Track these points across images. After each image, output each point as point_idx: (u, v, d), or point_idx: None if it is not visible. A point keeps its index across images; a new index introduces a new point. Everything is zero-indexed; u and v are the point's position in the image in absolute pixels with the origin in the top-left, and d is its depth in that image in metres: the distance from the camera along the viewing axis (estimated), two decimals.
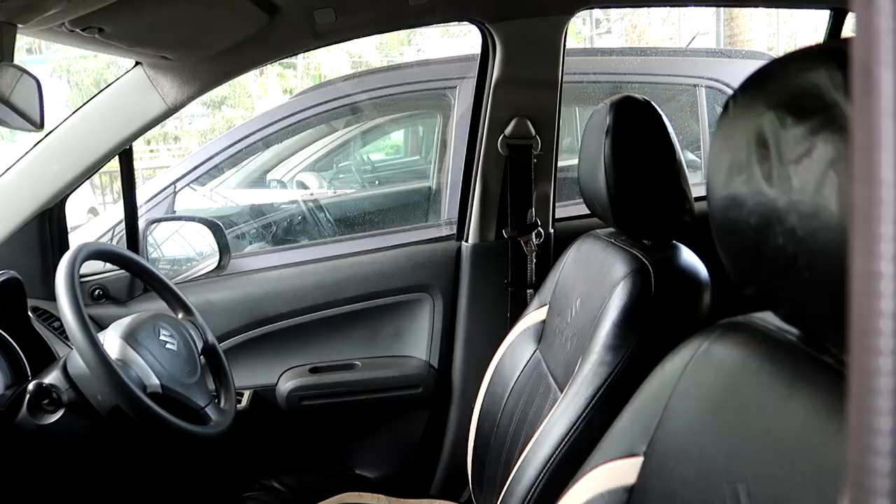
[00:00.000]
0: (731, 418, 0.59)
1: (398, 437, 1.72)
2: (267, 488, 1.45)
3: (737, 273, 0.59)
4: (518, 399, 1.32)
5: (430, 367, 1.71)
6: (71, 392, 1.10)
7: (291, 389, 1.65)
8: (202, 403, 1.20)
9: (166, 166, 2.81)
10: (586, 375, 1.02)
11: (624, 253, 1.09)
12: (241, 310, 1.67)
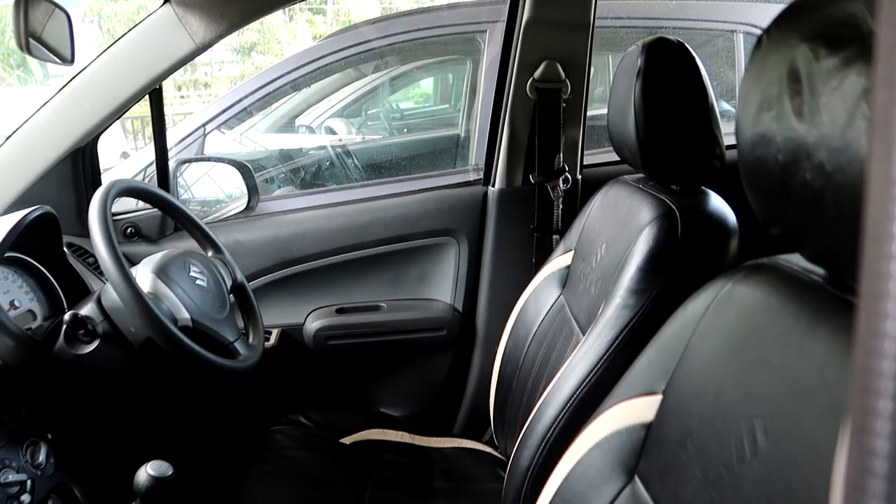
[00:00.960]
0: (751, 356, 0.59)
1: (422, 377, 1.75)
2: (294, 423, 1.50)
3: (763, 212, 0.58)
4: (541, 343, 1.33)
5: (455, 310, 1.72)
6: (105, 324, 1.13)
7: (318, 329, 1.69)
8: (231, 338, 1.23)
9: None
10: (609, 318, 1.02)
11: (651, 198, 1.08)
12: (269, 250, 1.69)
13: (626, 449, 0.73)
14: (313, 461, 1.37)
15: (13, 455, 0.98)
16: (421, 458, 1.48)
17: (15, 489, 0.95)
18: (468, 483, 1.42)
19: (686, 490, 0.61)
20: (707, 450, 0.60)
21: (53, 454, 1.05)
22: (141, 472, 0.93)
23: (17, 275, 1.29)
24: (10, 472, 0.95)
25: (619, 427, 0.74)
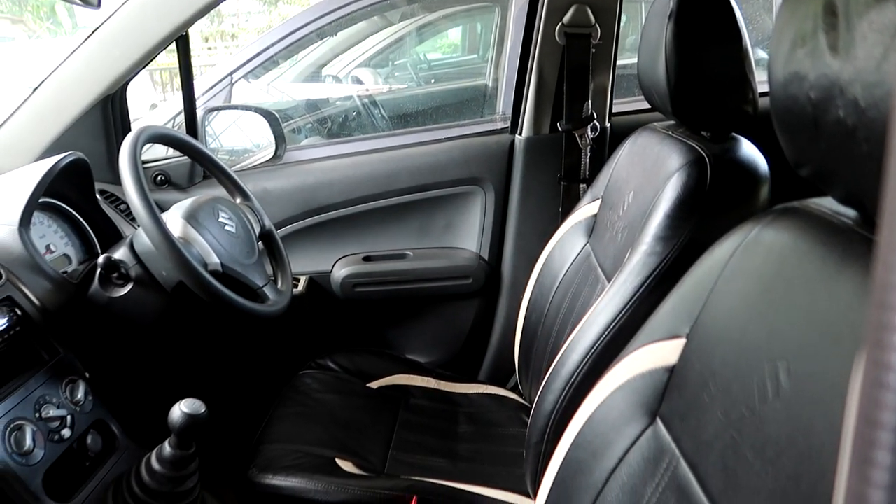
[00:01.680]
0: (777, 299, 0.59)
1: (448, 325, 1.77)
2: (322, 367, 1.53)
3: (794, 153, 0.57)
4: (566, 291, 1.34)
5: (481, 258, 1.73)
6: (138, 268, 1.15)
7: (345, 276, 1.71)
8: (260, 283, 1.25)
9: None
10: (635, 265, 1.02)
11: (681, 144, 1.06)
12: (297, 198, 1.71)
13: (648, 391, 0.73)
14: (341, 404, 1.41)
15: (54, 392, 1.02)
16: (446, 403, 1.51)
17: (56, 424, 0.99)
18: (492, 427, 1.44)
19: (707, 430, 0.62)
20: (729, 391, 0.60)
21: (91, 392, 1.08)
22: (175, 410, 0.96)
23: (53, 220, 1.32)
24: (51, 408, 0.99)
25: (642, 370, 0.75)
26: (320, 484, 1.13)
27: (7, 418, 0.92)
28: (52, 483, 0.94)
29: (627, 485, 0.71)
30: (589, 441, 0.79)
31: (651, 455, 0.70)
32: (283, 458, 1.19)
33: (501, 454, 1.34)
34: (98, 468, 1.03)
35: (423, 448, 1.33)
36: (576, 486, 0.79)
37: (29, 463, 0.92)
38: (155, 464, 0.98)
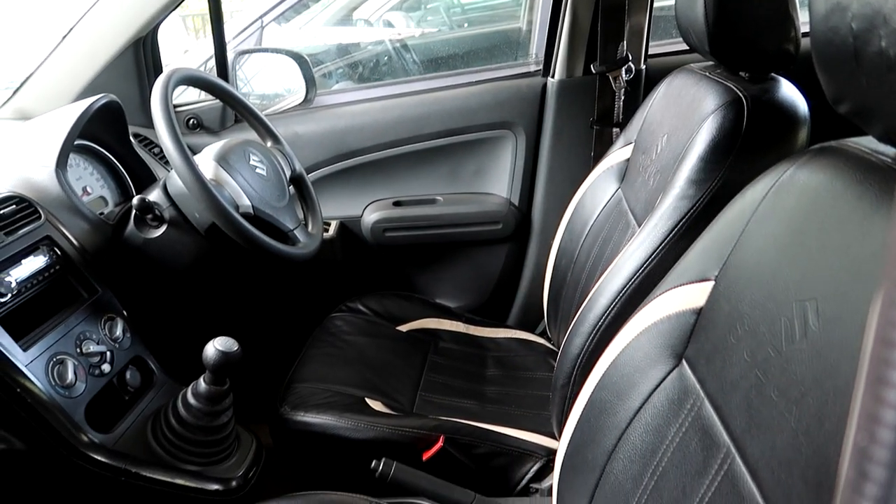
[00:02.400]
0: (809, 239, 0.58)
1: (478, 270, 1.77)
2: (352, 310, 1.55)
3: (833, 88, 0.55)
4: (596, 236, 1.33)
5: (511, 204, 1.72)
6: (172, 210, 1.17)
7: (375, 221, 1.71)
8: (291, 226, 1.27)
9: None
10: (666, 210, 1.01)
11: (717, 85, 1.03)
12: (327, 142, 1.71)
13: (674, 334, 0.73)
14: (371, 346, 1.43)
15: (93, 329, 1.06)
16: (475, 347, 1.53)
17: (96, 359, 1.03)
18: (520, 371, 1.46)
19: (732, 372, 0.61)
20: (756, 333, 0.60)
21: (129, 329, 1.12)
22: (209, 347, 0.99)
23: (89, 163, 1.34)
24: (91, 344, 1.03)
25: (670, 313, 0.74)
26: (350, 421, 1.16)
27: (50, 352, 0.96)
28: (93, 415, 0.98)
29: (651, 425, 0.72)
30: (614, 382, 0.79)
31: (675, 396, 0.70)
32: (313, 397, 1.22)
33: (528, 397, 1.36)
34: (137, 402, 1.07)
35: (451, 390, 1.35)
36: (600, 426, 0.79)
37: (71, 395, 0.95)
38: (191, 398, 1.01)
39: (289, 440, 1.19)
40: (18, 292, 0.98)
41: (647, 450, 0.71)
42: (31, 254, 1.03)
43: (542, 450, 1.17)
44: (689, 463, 0.64)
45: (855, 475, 0.19)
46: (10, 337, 0.92)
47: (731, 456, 0.58)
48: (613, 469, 0.76)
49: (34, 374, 0.91)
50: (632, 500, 0.71)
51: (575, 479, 0.83)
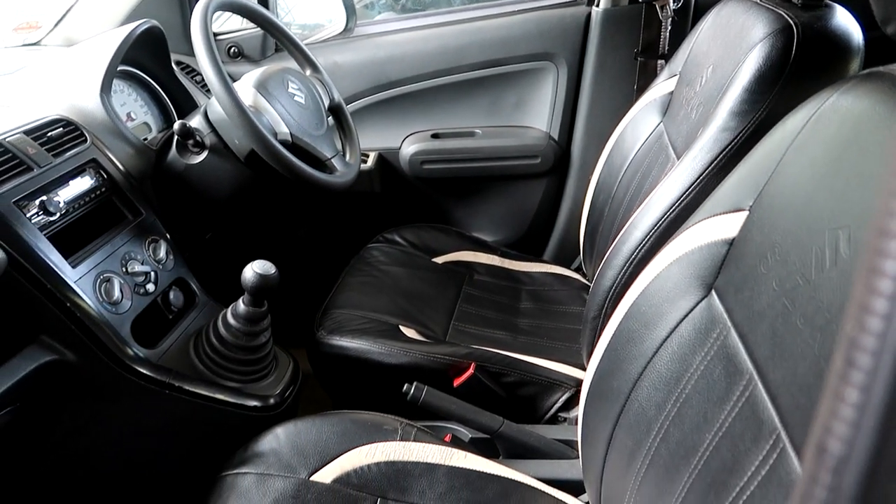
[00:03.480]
0: (848, 167, 0.56)
1: (515, 204, 1.77)
2: (389, 241, 1.57)
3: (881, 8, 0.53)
4: (636, 171, 1.31)
5: (550, 138, 1.70)
6: (212, 136, 1.19)
7: (413, 153, 1.71)
8: (328, 155, 1.28)
9: None
10: (706, 142, 0.98)
11: (768, 12, 0.99)
12: (366, 73, 1.70)
13: (705, 264, 0.72)
14: (407, 276, 1.45)
15: (138, 250, 1.09)
16: (509, 280, 1.54)
17: (141, 278, 1.07)
18: (553, 305, 1.47)
19: (760, 301, 0.61)
20: (787, 261, 0.59)
21: (172, 252, 1.15)
22: (248, 270, 1.02)
23: (132, 89, 1.36)
24: (136, 264, 1.07)
25: (701, 243, 0.74)
26: (384, 347, 1.19)
27: (97, 270, 1.00)
28: (139, 331, 1.02)
29: (677, 354, 0.72)
30: (642, 312, 0.80)
31: (703, 326, 0.70)
32: (349, 323, 1.25)
33: (561, 330, 1.37)
34: (180, 321, 1.11)
35: (484, 321, 1.37)
36: (627, 354, 0.80)
37: (118, 312, 1.00)
38: (230, 319, 1.05)
39: (325, 363, 1.23)
40: (66, 212, 1.02)
41: (671, 378, 0.72)
42: (77, 175, 1.06)
43: (571, 380, 1.19)
44: (711, 390, 0.64)
45: (843, 364, 0.20)
46: (60, 254, 0.95)
47: (753, 382, 0.59)
48: (638, 396, 0.77)
49: (83, 290, 0.95)
50: (654, 426, 0.72)
51: (600, 407, 0.84)
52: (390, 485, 0.91)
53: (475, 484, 0.93)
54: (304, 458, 0.93)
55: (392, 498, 0.90)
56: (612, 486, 0.81)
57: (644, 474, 0.72)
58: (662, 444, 0.70)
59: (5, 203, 0.91)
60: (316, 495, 0.88)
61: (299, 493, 0.88)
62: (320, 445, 0.95)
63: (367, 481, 0.91)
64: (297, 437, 0.96)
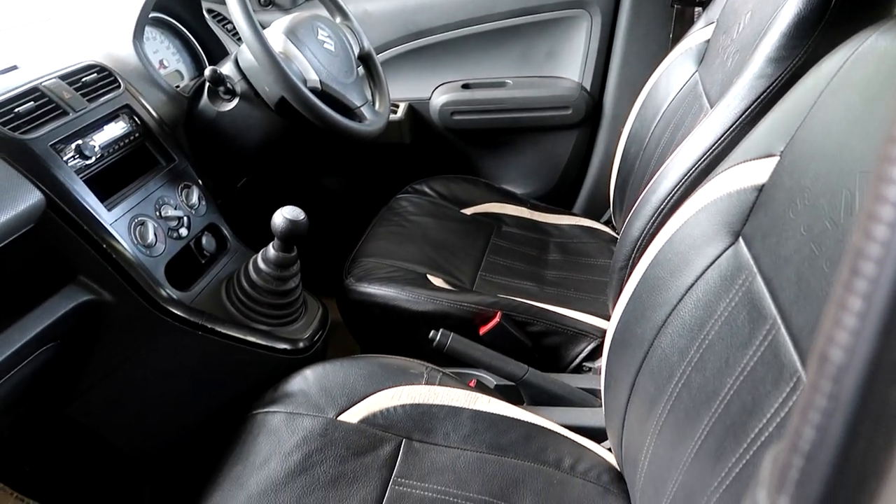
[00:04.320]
0: (882, 108, 0.55)
1: (545, 157, 1.75)
2: (418, 192, 1.57)
3: None
4: (669, 121, 1.28)
5: (582, 88, 1.67)
6: (243, 83, 1.20)
7: (444, 104, 1.70)
8: (358, 103, 1.27)
9: None
10: (741, 89, 0.96)
11: None
12: (397, 21, 1.68)
13: (734, 211, 0.72)
14: (435, 226, 1.46)
15: (171, 195, 1.11)
16: (538, 232, 1.53)
17: (174, 223, 1.09)
18: (581, 257, 1.46)
19: (787, 246, 0.61)
20: (816, 206, 0.58)
21: (204, 198, 1.17)
22: (277, 216, 1.03)
23: (165, 36, 1.37)
24: (169, 209, 1.09)
25: (730, 190, 0.73)
26: (411, 294, 1.20)
27: (132, 214, 1.02)
28: (172, 274, 1.05)
29: (702, 301, 0.72)
30: (669, 259, 0.79)
31: (728, 273, 0.70)
32: (377, 271, 1.27)
33: (588, 282, 1.37)
34: (212, 265, 1.13)
35: (512, 271, 1.38)
36: (651, 301, 0.80)
37: (152, 254, 1.02)
38: (261, 263, 1.07)
39: (353, 310, 1.25)
40: (101, 156, 1.04)
41: (695, 324, 0.72)
42: (111, 121, 1.08)
43: (596, 330, 1.19)
44: (735, 336, 0.64)
45: (847, 274, 0.20)
46: (96, 197, 0.98)
47: (776, 327, 0.58)
48: (661, 343, 0.77)
49: (118, 232, 0.98)
50: (676, 372, 0.73)
51: (624, 354, 0.85)
52: (415, 426, 0.94)
53: (498, 427, 0.95)
54: (331, 399, 0.95)
55: (417, 439, 0.92)
56: (633, 432, 0.82)
57: (665, 419, 0.73)
58: (684, 389, 0.71)
59: (42, 146, 0.94)
60: (343, 434, 0.91)
61: (327, 432, 0.91)
62: (347, 387, 0.97)
63: (392, 422, 0.94)
64: (326, 379, 0.98)
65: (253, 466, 0.86)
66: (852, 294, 0.19)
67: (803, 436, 0.21)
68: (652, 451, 0.75)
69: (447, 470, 0.88)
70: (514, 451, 0.92)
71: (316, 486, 0.84)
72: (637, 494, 0.81)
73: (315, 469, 0.86)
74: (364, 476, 0.86)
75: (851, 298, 0.19)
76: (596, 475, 0.91)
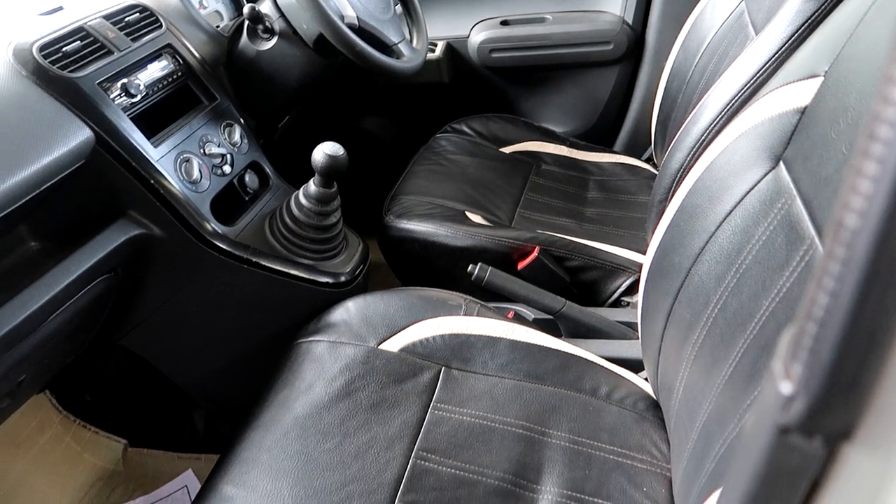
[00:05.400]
0: None
1: (585, 94, 1.73)
2: (457, 131, 1.57)
3: None
4: (713, 54, 1.25)
5: (624, 22, 1.63)
6: (281, 21, 1.20)
7: (482, 41, 1.68)
8: (395, 40, 1.27)
9: None
10: (789, 14, 0.93)
11: None
12: None
13: (775, 135, 0.71)
14: (473, 165, 1.46)
15: (214, 133, 1.14)
16: (578, 170, 1.53)
17: (218, 160, 1.11)
18: (621, 195, 1.45)
19: (828, 166, 0.60)
20: (858, 125, 0.57)
21: (246, 136, 1.19)
22: (317, 151, 1.05)
23: None
24: (213, 146, 1.11)
25: (772, 114, 0.72)
26: (450, 230, 1.21)
27: (177, 151, 1.05)
28: (217, 210, 1.08)
29: (740, 226, 0.72)
30: (707, 186, 0.79)
31: (768, 197, 0.69)
32: (416, 208, 1.28)
33: (628, 219, 1.37)
34: (255, 202, 1.16)
35: (550, 209, 1.38)
36: (689, 229, 0.80)
37: (198, 190, 1.05)
38: (302, 199, 1.09)
39: (393, 247, 1.27)
40: (146, 95, 1.06)
41: (732, 250, 0.72)
42: (155, 60, 1.10)
43: (635, 265, 1.19)
44: (772, 258, 0.64)
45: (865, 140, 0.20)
46: (143, 134, 1.00)
47: (814, 247, 0.58)
48: (698, 271, 0.77)
49: (164, 168, 1.01)
50: (713, 298, 0.73)
51: (661, 283, 0.85)
52: (454, 355, 0.96)
53: (536, 356, 0.97)
54: (372, 329, 0.98)
55: (455, 367, 0.95)
56: (668, 359, 0.83)
57: (700, 345, 0.74)
58: (720, 314, 0.71)
59: (90, 84, 0.96)
60: (384, 362, 0.94)
61: (368, 359, 0.94)
62: (388, 317, 1.00)
63: (432, 351, 0.96)
64: (367, 310, 1.01)
65: (299, 391, 0.90)
66: (868, 159, 0.20)
67: (817, 302, 0.21)
68: (687, 376, 0.76)
69: (485, 396, 0.91)
70: (550, 379, 0.94)
71: (358, 409, 0.87)
72: (672, 420, 0.82)
73: (357, 394, 0.89)
74: (405, 401, 0.89)
75: (867, 163, 0.20)
76: (632, 403, 0.92)
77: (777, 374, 0.23)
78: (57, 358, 1.04)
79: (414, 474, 0.81)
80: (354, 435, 0.84)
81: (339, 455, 0.82)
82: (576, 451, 0.86)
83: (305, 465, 0.80)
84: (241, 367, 1.16)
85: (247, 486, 0.78)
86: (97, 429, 1.31)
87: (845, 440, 0.22)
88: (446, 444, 0.85)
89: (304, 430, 0.84)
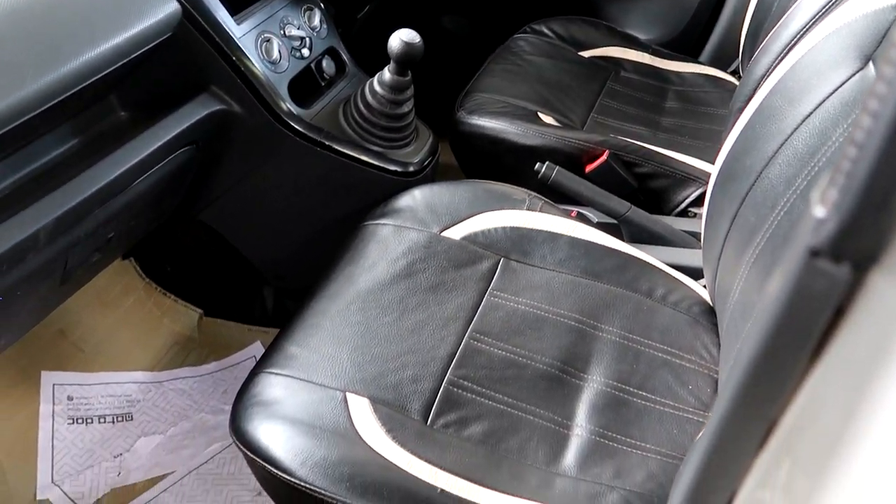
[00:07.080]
0: None
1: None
2: (536, 32, 1.54)
3: None
4: None
5: None
6: None
7: None
8: None
9: None
10: None
11: None
12: None
13: (867, 33, 0.67)
14: (550, 67, 1.43)
15: (294, 15, 1.15)
16: (658, 79, 1.48)
17: (297, 42, 1.13)
18: (701, 106, 1.41)
19: None
20: None
21: (325, 21, 1.20)
22: (394, 38, 1.05)
23: None
24: (293, 28, 1.13)
25: (866, 11, 0.68)
26: (520, 128, 1.21)
27: (258, 30, 1.07)
28: (295, 92, 1.11)
29: (818, 129, 0.70)
30: (788, 87, 0.76)
31: (851, 99, 0.67)
32: (489, 105, 1.28)
33: (705, 130, 1.33)
34: (331, 87, 1.18)
35: (625, 115, 1.35)
36: (765, 132, 0.78)
37: (276, 70, 1.08)
38: (377, 86, 1.10)
39: (462, 142, 1.28)
40: None
41: (807, 153, 0.70)
42: None
43: (706, 176, 1.16)
44: None
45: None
46: (227, 11, 1.03)
47: None
48: (769, 174, 0.75)
49: (246, 46, 1.03)
50: (780, 201, 0.72)
51: (730, 186, 0.84)
52: (514, 247, 0.98)
53: (595, 255, 0.98)
54: (436, 216, 1.00)
55: (514, 259, 0.97)
56: (728, 264, 0.83)
57: (762, 248, 0.73)
58: (785, 217, 0.70)
59: None
60: (445, 248, 0.96)
61: (430, 245, 0.97)
62: (452, 206, 1.02)
63: (492, 242, 0.98)
64: (432, 198, 1.04)
65: (362, 268, 0.94)
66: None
67: (861, 125, 0.22)
68: (745, 279, 0.76)
69: (541, 288, 0.93)
70: (607, 277, 0.95)
71: (418, 289, 0.91)
72: (725, 324, 0.83)
73: (418, 276, 0.93)
74: (463, 286, 0.92)
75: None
76: (686, 306, 0.93)
77: (813, 201, 0.24)
78: (142, 223, 1.11)
79: (466, 352, 0.85)
80: (412, 312, 0.88)
81: (397, 329, 0.86)
82: (625, 346, 0.88)
83: (365, 335, 0.85)
84: (309, 248, 1.21)
85: (309, 347, 0.84)
86: (176, 297, 1.40)
87: (873, 264, 0.23)
88: (500, 328, 0.88)
89: (365, 304, 0.89)
